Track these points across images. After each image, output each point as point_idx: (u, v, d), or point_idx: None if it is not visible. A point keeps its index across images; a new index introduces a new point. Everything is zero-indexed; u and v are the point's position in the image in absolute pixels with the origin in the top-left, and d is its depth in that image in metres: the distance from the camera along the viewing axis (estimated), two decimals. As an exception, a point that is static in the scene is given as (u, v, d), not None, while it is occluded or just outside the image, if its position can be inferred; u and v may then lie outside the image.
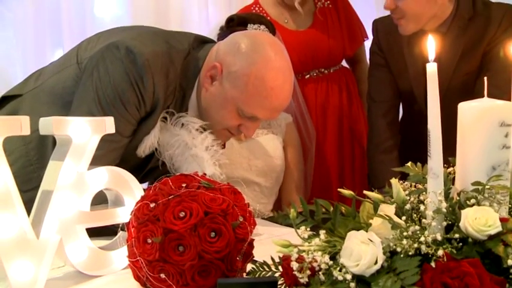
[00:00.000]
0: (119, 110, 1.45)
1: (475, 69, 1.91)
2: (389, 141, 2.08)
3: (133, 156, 1.55)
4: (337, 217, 0.91)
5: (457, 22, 1.92)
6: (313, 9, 2.43)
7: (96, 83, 1.46)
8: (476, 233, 0.77)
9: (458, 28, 1.92)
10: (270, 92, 1.50)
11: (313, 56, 2.36)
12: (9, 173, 1.01)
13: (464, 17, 1.92)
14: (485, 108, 0.89)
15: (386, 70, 2.08)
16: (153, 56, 1.47)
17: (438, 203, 0.82)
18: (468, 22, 1.91)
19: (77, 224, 1.11)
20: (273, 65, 1.50)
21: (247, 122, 1.56)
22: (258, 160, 1.99)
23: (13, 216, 1.01)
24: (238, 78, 1.49)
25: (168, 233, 0.93)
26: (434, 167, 0.86)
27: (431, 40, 0.87)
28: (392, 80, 2.08)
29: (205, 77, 1.55)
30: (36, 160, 1.52)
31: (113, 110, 1.43)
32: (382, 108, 2.11)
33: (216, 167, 1.55)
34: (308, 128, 2.23)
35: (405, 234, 0.81)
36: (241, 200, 1.02)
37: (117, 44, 1.48)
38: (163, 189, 0.99)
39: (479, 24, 1.91)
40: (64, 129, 1.09)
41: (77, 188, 1.11)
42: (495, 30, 1.88)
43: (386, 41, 2.08)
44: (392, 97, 2.11)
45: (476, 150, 0.89)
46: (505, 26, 1.87)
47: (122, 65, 1.45)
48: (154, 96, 1.48)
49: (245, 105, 1.51)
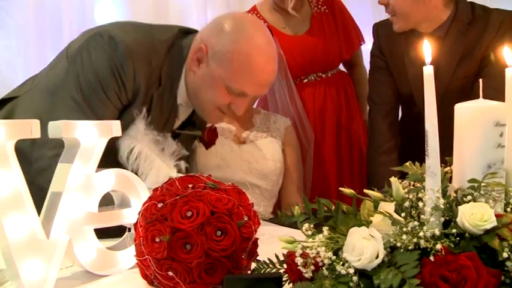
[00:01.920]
0: (99, 96, 1.49)
1: (473, 73, 1.94)
2: (389, 143, 2.12)
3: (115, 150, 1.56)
4: (339, 215, 0.95)
5: (455, 26, 1.95)
6: (309, 14, 2.47)
7: (78, 69, 1.51)
8: (472, 228, 0.80)
9: (457, 32, 1.95)
10: (255, 67, 1.54)
11: (310, 60, 2.40)
12: (21, 174, 1.04)
13: (463, 21, 1.95)
14: (480, 108, 0.93)
15: (387, 73, 2.12)
16: (135, 43, 1.51)
17: (436, 199, 0.85)
18: (467, 27, 1.95)
19: (85, 225, 1.14)
20: (256, 41, 1.55)
21: (236, 99, 1.59)
22: (258, 163, 2.03)
23: (24, 216, 1.04)
24: (223, 57, 1.53)
25: (175, 232, 0.96)
26: (432, 166, 0.89)
27: (427, 44, 0.91)
28: (392, 83, 2.12)
29: (191, 61, 1.58)
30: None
31: (93, 96, 1.49)
32: (382, 111, 2.15)
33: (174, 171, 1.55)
34: (306, 130, 2.27)
35: (405, 229, 0.84)
36: (245, 200, 1.05)
37: (100, 32, 1.53)
38: (170, 189, 1.02)
39: (477, 29, 1.94)
40: (72, 133, 1.12)
41: (85, 190, 1.14)
42: (493, 36, 1.91)
43: (386, 44, 2.12)
44: (393, 99, 2.15)
45: (472, 149, 0.93)
46: (503, 31, 1.91)
47: (104, 52, 1.50)
48: (135, 82, 1.52)
49: (233, 82, 1.55)
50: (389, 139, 2.12)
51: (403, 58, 2.08)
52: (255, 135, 2.08)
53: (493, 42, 1.92)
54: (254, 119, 2.14)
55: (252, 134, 2.08)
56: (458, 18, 1.95)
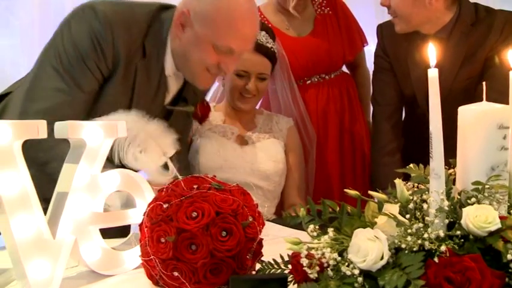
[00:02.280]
0: (79, 65, 1.52)
1: (476, 75, 1.94)
2: (392, 143, 2.12)
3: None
4: (343, 216, 0.95)
5: (459, 28, 1.95)
6: (313, 15, 2.47)
7: (59, 41, 1.55)
8: (477, 230, 0.81)
9: (460, 34, 1.95)
10: (238, 21, 1.58)
11: (314, 62, 2.40)
12: (28, 175, 1.05)
13: (466, 23, 1.95)
14: (484, 111, 0.93)
15: (391, 74, 2.13)
16: (114, 13, 1.56)
17: (440, 201, 0.86)
18: (470, 28, 1.95)
19: (90, 225, 1.15)
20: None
21: (225, 57, 1.62)
22: (261, 164, 2.04)
23: (31, 216, 1.04)
24: (206, 16, 1.57)
25: (181, 233, 0.97)
26: (436, 168, 0.90)
27: (431, 47, 0.91)
28: (396, 84, 2.13)
29: (176, 27, 1.61)
30: None
31: (73, 66, 1.52)
32: (385, 112, 2.16)
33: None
34: (308, 131, 2.28)
35: (409, 231, 0.85)
36: (250, 200, 1.06)
37: (83, 6, 1.57)
38: (175, 190, 1.03)
39: (481, 31, 1.94)
40: (78, 133, 1.13)
41: (91, 190, 1.15)
42: (497, 37, 1.91)
43: (391, 45, 2.12)
44: (396, 100, 2.15)
45: (476, 151, 0.93)
46: (507, 33, 1.90)
47: (84, 22, 1.54)
48: (114, 49, 1.54)
49: (218, 39, 1.58)
50: (392, 140, 2.13)
51: (406, 59, 2.08)
52: (257, 136, 2.10)
53: (497, 44, 1.92)
54: (256, 119, 2.16)
55: (255, 134, 2.09)
56: (462, 19, 1.95)
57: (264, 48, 2.04)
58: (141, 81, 1.63)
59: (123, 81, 1.60)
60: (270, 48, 2.07)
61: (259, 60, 2.04)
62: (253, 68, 2.04)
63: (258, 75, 2.06)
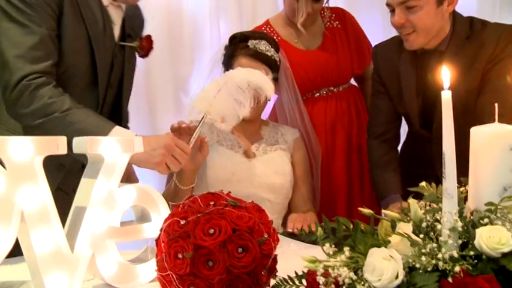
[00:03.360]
0: (28, 7, 1.56)
1: (475, 88, 1.93)
2: (386, 156, 2.15)
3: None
4: (357, 234, 0.97)
5: (454, 41, 1.96)
6: (322, 29, 2.49)
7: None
8: (490, 251, 0.83)
9: (455, 47, 1.95)
10: None
11: (322, 75, 2.42)
12: (48, 190, 1.07)
13: (461, 36, 1.96)
14: (496, 133, 0.96)
15: (385, 97, 2.14)
16: None
17: (454, 222, 0.88)
18: (465, 41, 1.95)
19: (107, 239, 1.17)
20: None
21: None
22: (268, 177, 2.04)
23: (50, 231, 1.07)
24: None
25: (198, 249, 0.99)
26: (449, 188, 0.92)
27: (445, 70, 0.94)
28: (389, 106, 2.14)
29: None
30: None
31: (23, 9, 1.56)
32: (376, 131, 2.19)
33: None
34: (312, 144, 2.29)
35: (423, 251, 0.87)
36: (265, 217, 1.08)
37: None
38: (192, 207, 1.05)
39: (476, 44, 1.94)
40: (97, 148, 1.15)
41: (107, 205, 1.17)
42: (493, 49, 1.91)
43: (383, 67, 2.14)
44: (390, 121, 2.18)
45: (488, 172, 0.95)
46: (502, 45, 1.90)
47: None
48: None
49: None
50: (386, 153, 2.16)
51: (399, 79, 2.10)
52: (264, 149, 2.09)
53: (493, 56, 1.92)
54: (262, 131, 2.15)
55: (261, 147, 2.09)
56: (456, 33, 1.96)
57: (263, 56, 2.03)
58: (88, 15, 1.67)
59: (73, 18, 1.64)
60: (271, 56, 2.06)
61: (259, 67, 1.98)
62: None
63: None
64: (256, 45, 2.04)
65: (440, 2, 1.89)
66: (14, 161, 1.03)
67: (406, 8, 1.89)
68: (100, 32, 1.71)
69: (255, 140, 2.11)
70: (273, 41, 2.14)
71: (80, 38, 1.67)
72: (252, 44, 2.04)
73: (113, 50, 1.78)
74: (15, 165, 1.03)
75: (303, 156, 2.19)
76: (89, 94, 1.73)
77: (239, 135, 2.08)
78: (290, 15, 2.43)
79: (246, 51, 2.03)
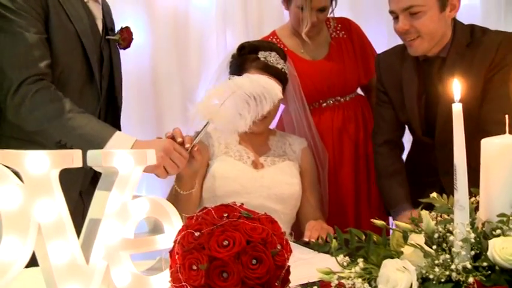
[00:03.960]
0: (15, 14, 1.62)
1: (477, 95, 1.95)
2: (392, 166, 2.16)
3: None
4: (370, 246, 0.99)
5: (455, 48, 1.98)
6: (328, 39, 2.52)
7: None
8: (504, 262, 0.84)
9: (456, 54, 1.97)
10: None
11: (329, 85, 2.44)
12: (64, 203, 1.09)
13: (462, 43, 1.98)
14: (507, 144, 0.97)
15: (388, 106, 2.17)
16: None
17: (466, 233, 0.89)
18: (466, 48, 1.97)
19: (120, 251, 1.18)
20: None
21: None
22: (277, 188, 2.05)
23: (66, 243, 1.08)
24: None
25: (213, 261, 1.00)
26: (460, 200, 0.94)
27: (456, 83, 0.95)
28: (392, 116, 2.16)
29: None
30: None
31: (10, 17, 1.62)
32: (380, 140, 2.21)
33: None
34: (319, 152, 2.29)
35: (436, 262, 0.88)
36: (278, 228, 1.09)
37: None
38: (206, 218, 1.06)
39: (477, 51, 1.96)
40: (111, 161, 1.17)
41: (121, 217, 1.19)
42: (493, 57, 1.93)
43: (386, 75, 2.16)
44: (392, 132, 2.20)
45: (500, 183, 0.97)
46: (502, 52, 1.92)
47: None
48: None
49: None
50: (393, 163, 2.17)
51: (402, 86, 2.11)
52: (273, 159, 2.10)
53: (494, 64, 1.93)
54: (270, 141, 2.16)
55: (269, 158, 2.10)
56: (457, 40, 1.98)
57: (274, 69, 2.04)
58: (72, 12, 1.73)
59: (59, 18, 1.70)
60: (281, 69, 2.06)
61: None
62: None
63: None
64: (266, 57, 2.04)
65: (443, 8, 1.93)
66: (30, 175, 1.04)
67: (410, 14, 1.92)
68: (86, 27, 1.77)
69: (263, 152, 2.12)
70: (281, 51, 2.15)
71: (69, 36, 1.73)
72: (262, 56, 2.04)
73: (99, 43, 1.85)
74: (31, 178, 1.04)
75: (311, 166, 2.21)
76: (88, 90, 1.80)
77: (246, 145, 2.10)
78: (295, 26, 2.45)
79: (256, 64, 2.03)
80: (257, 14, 3.02)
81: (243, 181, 2.01)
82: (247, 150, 2.09)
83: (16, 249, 1.01)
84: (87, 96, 1.78)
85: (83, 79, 1.78)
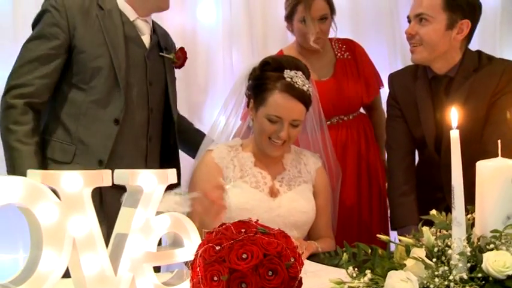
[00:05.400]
0: (41, 32, 1.92)
1: (481, 117, 2.08)
2: (405, 185, 2.23)
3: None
4: (376, 259, 1.09)
5: (463, 71, 2.11)
6: (333, 60, 2.63)
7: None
8: (496, 274, 0.94)
9: (463, 77, 2.11)
10: None
11: (334, 105, 2.54)
12: (95, 218, 1.19)
13: (469, 67, 2.11)
14: (499, 167, 1.07)
15: (402, 120, 2.27)
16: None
17: (463, 247, 0.99)
18: (472, 72, 2.11)
19: (144, 263, 1.28)
20: None
21: None
22: (293, 217, 2.01)
23: (96, 255, 1.18)
24: None
25: (233, 272, 1.10)
26: (458, 217, 1.04)
27: (454, 111, 1.06)
28: (407, 129, 2.26)
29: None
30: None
31: (38, 32, 1.93)
32: (398, 155, 2.28)
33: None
34: (332, 169, 2.30)
35: (436, 273, 0.98)
36: (291, 243, 1.19)
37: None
38: (226, 234, 1.16)
39: (482, 76, 2.10)
40: (136, 180, 1.27)
41: (145, 231, 1.29)
42: (497, 83, 2.06)
43: (401, 94, 2.27)
44: (408, 144, 2.28)
45: (493, 202, 1.07)
46: (506, 79, 2.06)
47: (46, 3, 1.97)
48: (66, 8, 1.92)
49: None
50: (406, 181, 2.24)
51: (416, 103, 2.22)
52: (288, 183, 2.06)
53: (497, 90, 2.06)
54: (285, 160, 2.11)
55: (285, 181, 2.06)
56: (465, 64, 2.12)
57: (300, 92, 1.95)
58: (108, 25, 1.98)
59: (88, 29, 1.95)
60: (306, 91, 1.97)
61: (295, 107, 1.94)
62: (288, 114, 1.94)
63: (291, 121, 1.95)
64: (292, 78, 1.94)
65: (449, 27, 2.07)
66: (66, 193, 1.14)
67: (419, 21, 2.09)
68: (120, 39, 1.99)
69: (278, 172, 2.07)
70: (306, 69, 2.06)
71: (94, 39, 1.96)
72: (288, 76, 1.95)
73: (143, 54, 2.06)
74: (67, 196, 1.14)
75: (325, 187, 2.17)
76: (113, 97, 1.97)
77: (262, 166, 2.05)
78: (301, 41, 2.56)
79: (281, 85, 1.94)
80: (262, 32, 3.12)
81: (260, 212, 1.93)
82: (264, 174, 2.04)
83: (53, 261, 1.11)
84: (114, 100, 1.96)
85: (109, 85, 1.96)
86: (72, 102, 1.96)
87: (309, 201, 2.07)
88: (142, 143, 2.06)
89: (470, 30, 2.10)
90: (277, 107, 1.93)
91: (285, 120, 1.94)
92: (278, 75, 1.95)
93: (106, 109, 1.95)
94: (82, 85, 1.95)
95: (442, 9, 2.06)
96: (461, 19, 2.06)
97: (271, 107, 1.94)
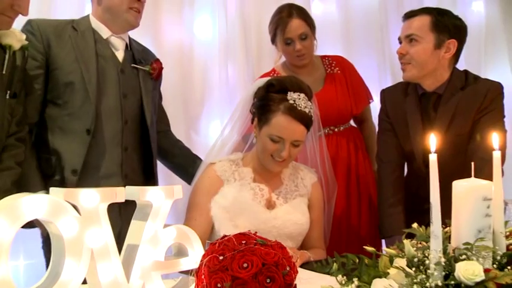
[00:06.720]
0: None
1: (466, 133, 2.23)
2: (393, 197, 2.36)
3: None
4: (362, 267, 1.22)
5: (450, 89, 2.27)
6: (323, 75, 2.77)
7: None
8: (466, 281, 1.07)
9: (451, 94, 2.26)
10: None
11: (324, 116, 2.63)
12: (110, 230, 1.31)
13: (456, 85, 2.27)
14: (472, 187, 1.21)
15: (392, 134, 2.41)
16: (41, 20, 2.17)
17: (439, 258, 1.13)
18: (460, 90, 2.27)
19: (152, 271, 1.41)
20: None
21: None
22: (287, 229, 2.10)
23: (110, 264, 1.30)
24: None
25: (235, 280, 1.23)
26: (435, 231, 1.17)
27: (433, 138, 1.19)
28: (397, 143, 2.40)
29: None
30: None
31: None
32: (388, 168, 2.42)
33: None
34: (329, 182, 2.39)
35: (415, 280, 1.12)
36: (286, 253, 1.32)
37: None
38: (228, 245, 1.29)
39: (468, 94, 2.25)
40: (145, 196, 1.40)
41: (153, 242, 1.41)
42: (481, 101, 2.22)
43: (392, 109, 2.41)
44: (397, 157, 2.41)
45: (466, 217, 1.20)
46: (490, 98, 2.22)
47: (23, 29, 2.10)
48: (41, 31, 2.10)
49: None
50: (394, 193, 2.37)
51: (406, 118, 2.36)
52: (285, 196, 2.15)
53: (482, 107, 2.23)
54: (283, 174, 2.19)
55: (282, 195, 2.15)
56: (453, 83, 2.27)
57: (302, 114, 2.02)
58: (80, 44, 2.14)
59: (62, 48, 2.11)
60: (308, 113, 2.04)
61: (296, 128, 2.02)
62: (289, 135, 2.02)
63: (293, 142, 2.04)
64: (296, 100, 2.01)
65: (437, 46, 2.23)
66: (84, 208, 1.27)
67: (409, 41, 2.26)
68: (91, 56, 2.14)
69: (276, 187, 2.16)
70: (309, 90, 2.13)
71: (67, 56, 2.11)
72: (291, 99, 2.02)
73: (116, 68, 2.20)
74: (85, 211, 1.27)
75: (319, 201, 2.25)
76: (85, 110, 2.10)
77: (261, 181, 2.14)
78: (290, 59, 2.70)
79: (284, 107, 2.01)
80: (256, 47, 3.25)
81: (256, 223, 2.03)
82: (262, 186, 2.12)
83: (73, 270, 1.23)
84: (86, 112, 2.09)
85: (81, 99, 2.10)
86: (49, 117, 2.12)
87: (304, 213, 2.16)
88: (117, 152, 2.18)
89: (457, 49, 2.26)
90: (280, 128, 2.01)
91: (286, 141, 2.03)
92: (281, 97, 2.03)
93: (79, 121, 2.10)
94: (57, 100, 2.11)
95: (429, 30, 2.23)
96: (448, 39, 2.24)
97: (274, 127, 2.03)
